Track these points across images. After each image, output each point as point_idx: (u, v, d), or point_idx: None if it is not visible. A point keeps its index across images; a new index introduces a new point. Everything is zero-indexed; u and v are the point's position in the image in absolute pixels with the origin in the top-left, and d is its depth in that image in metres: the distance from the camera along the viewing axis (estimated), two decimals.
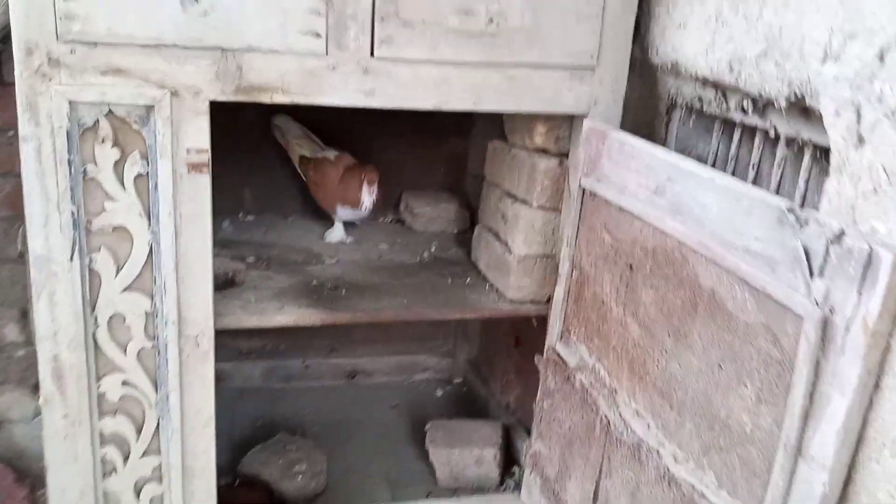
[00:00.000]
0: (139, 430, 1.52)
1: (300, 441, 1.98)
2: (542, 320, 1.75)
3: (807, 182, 1.23)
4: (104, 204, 1.36)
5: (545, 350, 1.65)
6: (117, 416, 1.50)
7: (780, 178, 1.30)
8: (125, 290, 1.42)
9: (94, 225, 1.37)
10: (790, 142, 1.26)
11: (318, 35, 1.36)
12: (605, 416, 1.42)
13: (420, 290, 1.79)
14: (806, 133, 1.21)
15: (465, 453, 1.96)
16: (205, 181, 1.39)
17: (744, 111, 1.35)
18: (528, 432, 2.05)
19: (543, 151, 1.67)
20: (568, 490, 1.56)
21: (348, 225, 2.09)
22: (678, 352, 1.17)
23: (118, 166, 1.35)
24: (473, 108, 1.49)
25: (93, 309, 1.42)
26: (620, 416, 1.36)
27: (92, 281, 1.41)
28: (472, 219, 2.23)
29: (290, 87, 1.38)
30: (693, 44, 1.39)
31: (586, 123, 1.49)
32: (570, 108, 1.53)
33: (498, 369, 2.24)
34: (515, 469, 1.99)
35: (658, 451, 1.25)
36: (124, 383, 1.48)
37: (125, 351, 1.46)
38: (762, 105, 1.29)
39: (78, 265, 1.39)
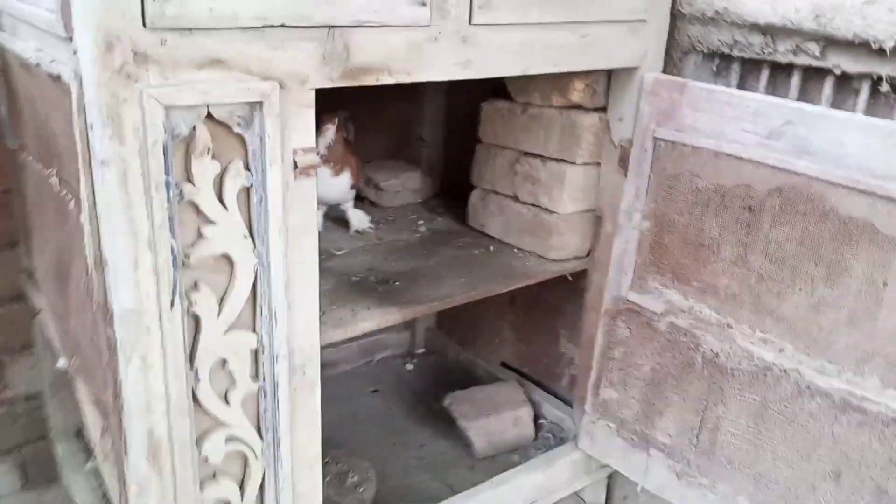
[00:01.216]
0: (243, 488, 1.28)
1: (334, 451, 1.81)
2: (580, 275, 1.77)
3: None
4: (203, 230, 1.09)
5: (606, 302, 1.68)
6: (220, 480, 1.25)
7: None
8: (228, 330, 1.17)
9: (192, 258, 1.10)
10: (859, 78, 1.40)
11: (423, 3, 1.19)
12: (712, 351, 1.50)
13: (459, 266, 1.70)
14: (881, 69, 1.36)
15: (503, 418, 1.94)
16: (312, 186, 1.17)
17: (800, 53, 1.47)
18: (541, 385, 2.09)
19: (578, 107, 1.66)
20: (658, 426, 1.64)
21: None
22: (833, 276, 1.28)
23: (217, 182, 1.09)
24: (553, 70, 1.42)
25: (192, 362, 1.15)
26: (739, 347, 1.45)
27: (190, 328, 1.13)
28: (435, 185, 2.14)
29: (394, 66, 1.20)
30: None
31: (649, 76, 1.51)
32: (627, 62, 1.53)
33: (484, 331, 2.22)
34: (543, 422, 2.02)
35: (797, 370, 1.37)
36: (228, 439, 1.23)
37: (228, 401, 1.21)
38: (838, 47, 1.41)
39: (179, 312, 1.10)
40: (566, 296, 1.90)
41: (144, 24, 0.95)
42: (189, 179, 1.05)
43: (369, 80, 1.18)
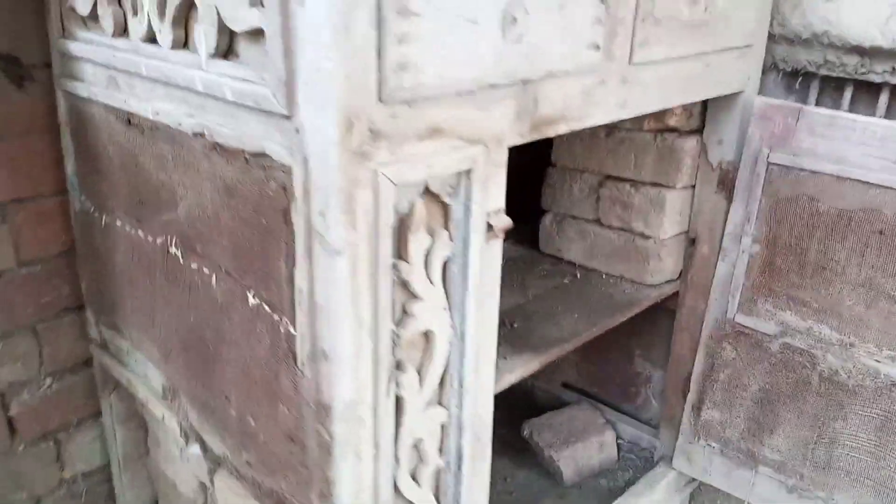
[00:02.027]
0: None
1: None
2: (670, 298, 1.77)
3: None
4: (410, 308, 1.00)
5: (708, 325, 1.69)
6: None
7: None
8: (426, 407, 1.09)
9: (401, 339, 1.01)
10: None
11: (597, 47, 1.14)
12: (831, 369, 1.53)
13: (562, 299, 1.66)
14: None
15: (589, 444, 1.92)
16: (499, 248, 1.10)
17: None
18: (610, 405, 2.09)
19: (674, 131, 1.64)
20: (767, 444, 1.67)
21: None
22: None
23: (427, 256, 1.00)
24: (684, 102, 1.40)
25: (395, 447, 1.06)
26: (862, 364, 1.49)
27: (395, 413, 1.04)
28: None
29: (570, 114, 1.14)
30: (859, 17, 1.49)
31: (759, 100, 1.51)
32: (736, 87, 1.53)
33: None
34: (620, 442, 2.02)
35: None
36: None
37: (419, 482, 1.13)
38: None
39: (392, 399, 1.02)
40: (642, 315, 1.89)
41: (380, 99, 0.86)
42: (403, 257, 0.97)
43: (550, 132, 1.12)
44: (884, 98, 1.57)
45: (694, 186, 1.68)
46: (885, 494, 1.55)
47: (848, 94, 1.63)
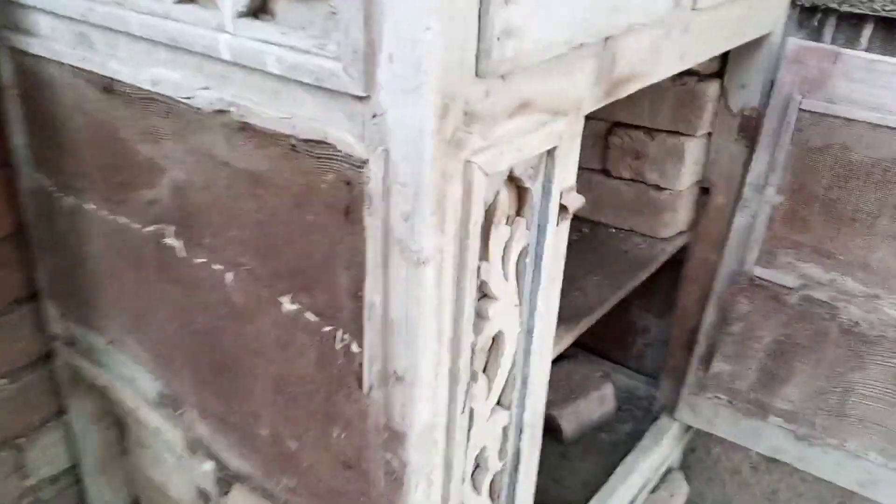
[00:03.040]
0: None
1: None
2: (682, 249, 1.69)
3: None
4: (488, 311, 0.86)
5: (722, 277, 1.62)
6: None
7: None
8: (491, 414, 0.96)
9: (477, 347, 0.87)
10: None
11: None
12: (851, 320, 1.50)
13: (576, 258, 1.55)
14: None
15: (590, 399, 1.87)
16: (567, 229, 0.96)
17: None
18: (606, 356, 2.03)
19: (694, 74, 1.52)
20: (779, 394, 1.64)
21: None
22: None
23: (505, 251, 0.86)
24: (729, 47, 1.27)
25: (465, 463, 0.94)
26: (887, 315, 1.46)
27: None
28: None
29: (640, 70, 1.00)
30: None
31: (793, 42, 1.40)
32: (767, 28, 1.41)
33: None
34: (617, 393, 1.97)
35: None
36: None
37: (479, 490, 1.02)
38: None
39: (467, 416, 0.89)
40: (642, 262, 1.82)
41: (477, 73, 0.69)
42: (486, 256, 0.82)
43: (622, 93, 0.98)
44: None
45: (710, 134, 1.58)
46: None
47: (867, 32, 1.54)
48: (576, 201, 0.93)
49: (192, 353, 1.06)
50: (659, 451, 1.76)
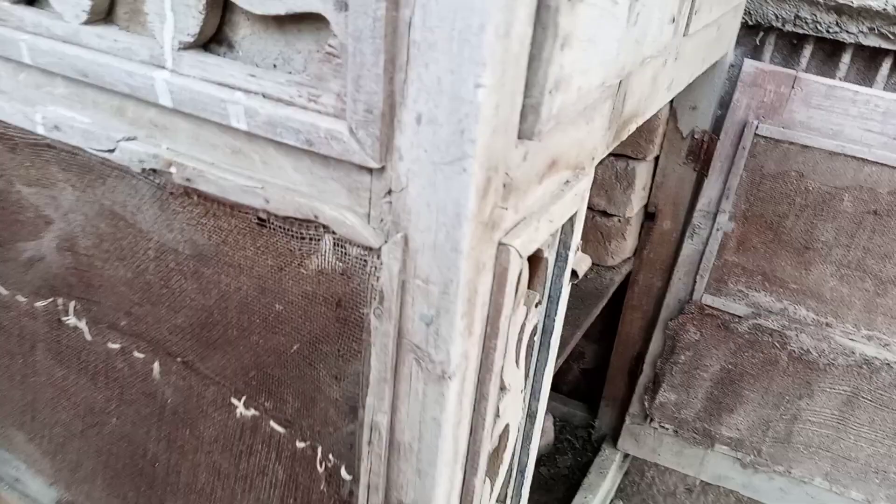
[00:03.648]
0: None
1: None
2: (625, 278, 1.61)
3: None
4: (499, 407, 0.71)
5: (670, 306, 1.55)
6: None
7: None
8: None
9: (481, 450, 0.71)
10: None
11: (673, 20, 0.86)
12: (802, 349, 1.47)
13: None
14: None
15: None
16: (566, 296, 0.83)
17: (870, 35, 1.40)
18: None
19: None
20: (725, 423, 1.60)
21: None
22: None
23: (518, 334, 0.70)
24: (699, 72, 1.17)
25: None
26: (837, 344, 1.43)
27: None
28: None
29: (640, 107, 0.87)
30: None
31: (749, 64, 1.33)
32: (725, 48, 1.33)
33: None
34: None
35: None
36: None
37: None
38: None
39: None
40: (574, 288, 1.72)
41: (520, 135, 0.53)
42: (496, 334, 0.66)
43: (624, 134, 0.85)
44: (885, 69, 1.46)
45: (657, 157, 1.50)
46: (842, 464, 1.55)
47: (807, 52, 1.50)
48: (584, 264, 0.79)
49: (105, 459, 0.84)
50: (604, 487, 1.67)
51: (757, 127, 1.35)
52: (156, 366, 0.75)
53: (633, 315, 1.65)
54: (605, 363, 1.77)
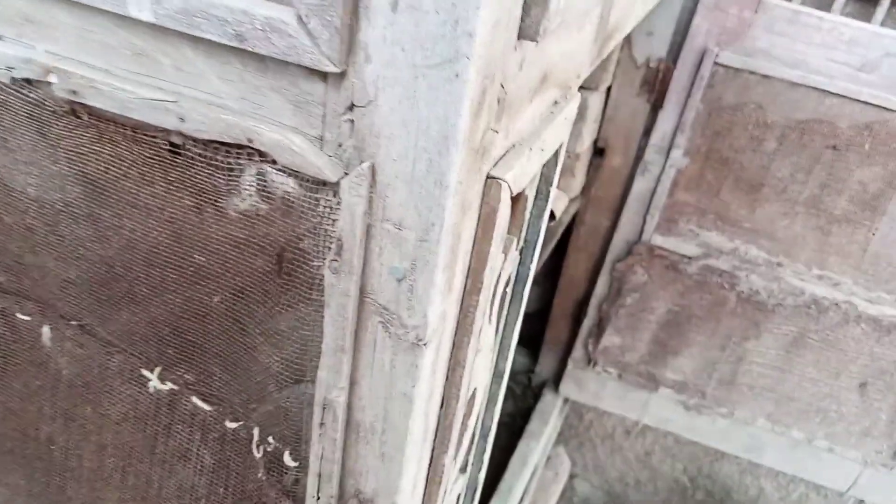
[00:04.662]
0: None
1: None
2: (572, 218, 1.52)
3: None
4: (469, 366, 0.60)
5: (617, 247, 1.48)
6: None
7: None
8: (454, 483, 0.71)
9: (453, 424, 0.61)
10: None
11: None
12: (751, 289, 1.43)
13: None
14: None
15: None
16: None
17: None
18: None
19: None
20: (670, 365, 1.56)
21: None
22: None
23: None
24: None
25: None
26: (787, 284, 1.40)
27: None
28: None
29: (621, 19, 0.76)
30: None
31: None
32: None
33: None
34: None
35: (849, 301, 1.38)
36: None
37: None
38: None
39: None
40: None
41: (520, 34, 0.41)
42: (478, 289, 0.55)
43: (606, 51, 0.73)
44: None
45: (608, 89, 1.39)
46: (785, 404, 1.54)
47: None
48: (561, 203, 0.69)
49: None
50: (546, 433, 1.62)
51: (717, 55, 1.26)
52: (45, 330, 0.61)
53: (578, 257, 1.57)
54: (548, 307, 1.69)
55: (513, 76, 0.43)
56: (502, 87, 0.41)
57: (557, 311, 1.66)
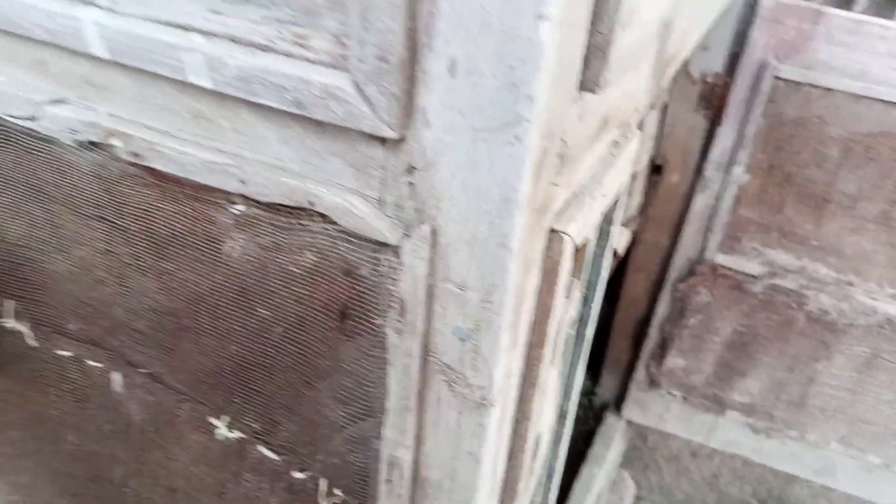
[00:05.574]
0: None
1: None
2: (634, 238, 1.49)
3: None
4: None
5: (678, 266, 1.44)
6: None
7: None
8: None
9: (520, 476, 0.60)
10: None
11: None
12: (821, 309, 1.38)
13: None
14: None
15: None
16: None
17: None
18: None
19: None
20: (737, 387, 1.51)
21: None
22: None
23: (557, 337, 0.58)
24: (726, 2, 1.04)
25: None
26: (858, 303, 1.34)
27: None
28: None
29: (680, 46, 0.74)
30: None
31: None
32: None
33: None
34: None
35: None
36: None
37: None
38: None
39: None
40: None
41: (582, 86, 0.40)
42: (542, 342, 0.54)
43: (665, 81, 0.72)
44: None
45: (665, 104, 1.37)
46: (859, 427, 1.48)
47: None
48: (624, 240, 0.67)
49: (62, 483, 0.71)
50: (610, 458, 1.59)
51: (776, 69, 1.22)
52: (115, 377, 0.62)
53: (637, 276, 1.54)
54: (608, 327, 1.66)
55: (573, 129, 0.42)
56: (563, 140, 0.40)
57: (618, 332, 1.63)
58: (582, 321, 0.64)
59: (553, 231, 0.43)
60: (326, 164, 0.40)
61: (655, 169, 1.43)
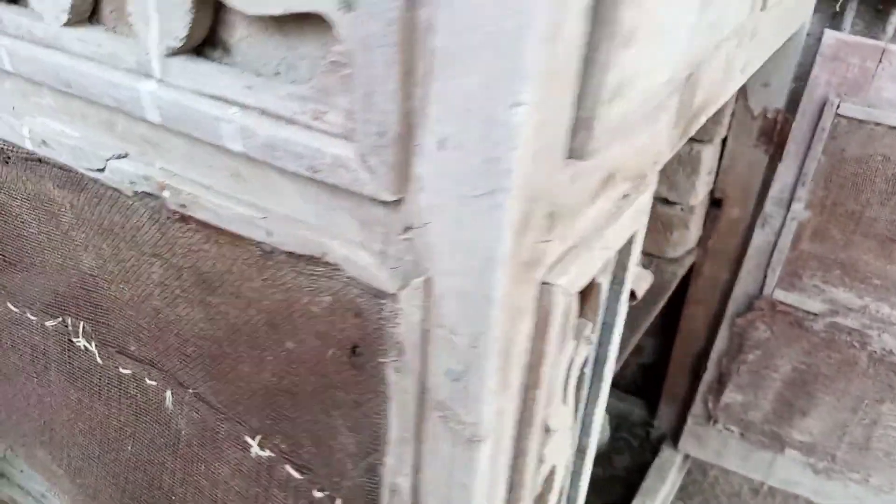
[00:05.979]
0: None
1: None
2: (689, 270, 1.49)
3: None
4: (544, 451, 0.62)
5: (737, 301, 1.43)
6: None
7: None
8: None
9: None
10: None
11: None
12: (884, 349, 1.34)
13: None
14: None
15: None
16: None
17: None
18: None
19: None
20: (796, 426, 1.48)
21: None
22: None
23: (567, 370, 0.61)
24: (775, 49, 1.05)
25: None
26: None
27: None
28: None
29: (711, 96, 0.76)
30: None
31: (830, 35, 1.18)
32: (801, 21, 1.19)
33: None
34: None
35: None
36: None
37: None
38: None
39: None
40: (653, 290, 1.61)
41: (570, 154, 0.44)
42: (537, 384, 0.57)
43: (693, 129, 0.74)
44: None
45: (724, 139, 1.37)
46: None
47: (894, 18, 1.34)
48: (644, 282, 0.70)
49: (122, 487, 0.79)
50: (663, 491, 1.58)
51: (838, 106, 1.20)
52: (168, 395, 0.69)
53: (696, 310, 1.54)
54: (666, 358, 1.66)
55: (564, 191, 0.46)
56: (552, 202, 0.44)
57: (675, 365, 1.62)
58: (598, 361, 0.67)
59: (544, 284, 0.47)
60: (338, 219, 0.45)
61: (715, 203, 1.42)
